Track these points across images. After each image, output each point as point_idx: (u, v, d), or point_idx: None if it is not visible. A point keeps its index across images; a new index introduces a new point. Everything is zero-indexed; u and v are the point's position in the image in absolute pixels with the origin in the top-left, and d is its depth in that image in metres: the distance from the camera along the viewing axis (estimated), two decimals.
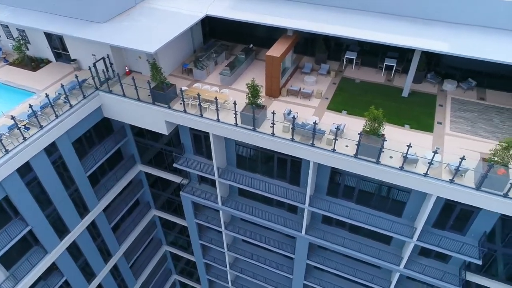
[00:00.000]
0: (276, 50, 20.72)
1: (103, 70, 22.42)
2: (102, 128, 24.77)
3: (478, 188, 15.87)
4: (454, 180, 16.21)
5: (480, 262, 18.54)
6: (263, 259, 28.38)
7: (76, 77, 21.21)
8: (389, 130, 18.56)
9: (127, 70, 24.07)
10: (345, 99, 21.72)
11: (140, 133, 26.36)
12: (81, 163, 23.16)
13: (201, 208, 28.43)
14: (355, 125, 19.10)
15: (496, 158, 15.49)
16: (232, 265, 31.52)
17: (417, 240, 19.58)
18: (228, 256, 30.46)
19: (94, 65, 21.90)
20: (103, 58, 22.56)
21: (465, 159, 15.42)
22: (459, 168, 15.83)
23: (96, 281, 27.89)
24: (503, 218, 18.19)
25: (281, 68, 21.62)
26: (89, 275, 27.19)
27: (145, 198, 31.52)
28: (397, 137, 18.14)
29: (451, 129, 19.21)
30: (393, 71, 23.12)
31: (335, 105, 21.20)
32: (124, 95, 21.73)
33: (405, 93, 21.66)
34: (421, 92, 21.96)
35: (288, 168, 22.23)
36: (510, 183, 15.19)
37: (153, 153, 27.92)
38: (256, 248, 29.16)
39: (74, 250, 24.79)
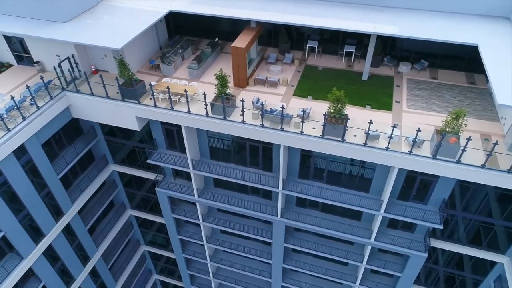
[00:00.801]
0: (241, 41, 21.45)
1: (68, 70, 22.27)
2: (72, 130, 24.59)
3: (434, 157, 17.33)
4: (412, 152, 17.60)
5: (441, 227, 20.16)
6: (242, 248, 29.10)
7: (42, 77, 20.98)
8: (352, 111, 19.72)
9: (93, 70, 24.00)
10: (310, 85, 22.80)
11: (111, 132, 26.34)
12: (52, 165, 22.94)
13: (178, 203, 28.75)
14: (320, 108, 20.13)
15: (447, 129, 16.98)
16: (212, 257, 32.03)
17: (384, 212, 20.96)
18: (208, 249, 30.95)
19: (59, 65, 21.73)
20: (68, 58, 22.40)
21: (420, 131, 16.81)
22: (416, 140, 17.23)
23: (75, 285, 27.61)
24: (461, 185, 19.90)
25: (247, 59, 22.37)
26: (68, 279, 26.89)
27: (120, 199, 31.40)
28: (360, 117, 19.36)
29: (407, 106, 20.71)
30: (353, 57, 24.45)
31: (301, 92, 22.22)
32: (92, 94, 21.74)
33: (364, 77, 23.02)
34: (379, 75, 23.40)
35: (260, 155, 23.05)
36: (461, 150, 16.70)
37: (125, 152, 27.94)
38: (235, 238, 29.86)
39: (50, 254, 24.49)
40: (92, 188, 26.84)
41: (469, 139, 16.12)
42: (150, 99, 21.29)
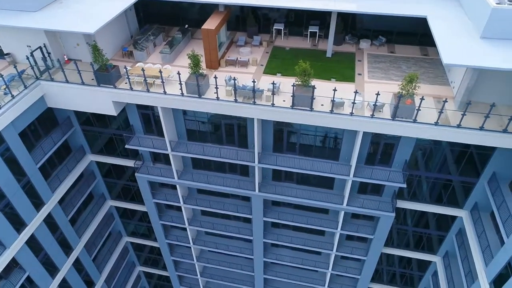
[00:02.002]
0: (211, 23, 22.51)
1: (42, 58, 22.56)
2: (47, 121, 24.86)
3: (393, 118, 19.08)
4: (374, 115, 19.29)
5: (404, 185, 22.06)
6: (223, 227, 30.18)
7: (15, 67, 21.14)
8: (319, 84, 21.03)
9: (66, 59, 24.32)
10: (278, 64, 24.17)
11: (87, 122, 26.69)
12: (31, 155, 23.16)
13: (158, 188, 29.45)
14: (289, 84, 21.42)
15: (403, 92, 18.76)
16: (195, 240, 32.90)
17: (354, 176, 22.64)
18: (190, 231, 31.80)
19: (32, 54, 22.00)
20: (40, 48, 22.69)
21: (379, 94, 18.51)
22: (377, 104, 18.92)
23: (60, 276, 27.82)
24: (419, 146, 21.85)
25: (217, 42, 23.43)
26: (52, 269, 27.07)
27: (99, 190, 31.65)
28: (326, 89, 20.83)
29: (369, 77, 22.46)
30: (317, 37, 26.00)
31: (270, 70, 23.55)
32: (67, 81, 22.16)
33: (328, 54, 24.62)
34: (342, 52, 25.06)
35: (236, 133, 24.21)
36: (416, 110, 18.51)
37: (103, 141, 28.30)
38: (216, 219, 30.90)
39: (33, 244, 24.66)
40: (71, 178, 27.11)
41: (422, 99, 17.95)
42: (126, 83, 22.00)
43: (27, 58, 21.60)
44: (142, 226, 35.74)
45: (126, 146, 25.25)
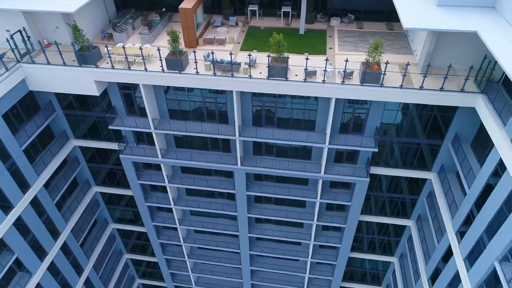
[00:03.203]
0: (188, 3, 23.44)
1: (22, 41, 22.94)
2: (29, 106, 25.24)
3: (362, 83, 20.56)
4: (344, 82, 20.72)
5: (376, 149, 23.65)
6: (208, 204, 31.17)
7: None
8: (293, 58, 22.43)
9: (46, 43, 24.75)
10: (254, 41, 25.33)
11: (69, 106, 27.14)
12: (15, 137, 23.55)
13: (143, 169, 30.17)
14: (265, 59, 22.63)
15: (370, 58, 20.26)
16: (181, 221, 33.74)
17: (329, 144, 24.06)
18: (176, 212, 32.62)
19: (12, 37, 22.38)
20: (20, 31, 23.09)
21: (348, 61, 19.96)
22: (346, 70, 20.35)
23: (48, 259, 28.19)
24: (388, 113, 23.46)
25: (195, 23, 24.38)
26: (41, 253, 27.44)
27: (83, 176, 32.05)
28: (299, 61, 22.11)
29: (339, 50, 23.92)
30: (290, 17, 27.32)
31: (247, 47, 24.68)
32: (48, 63, 22.67)
33: (301, 31, 25.96)
34: (314, 29, 26.45)
35: (216, 110, 25.24)
36: (382, 75, 20.04)
37: (86, 126, 28.79)
38: (201, 198, 31.84)
39: (21, 226, 25.03)
40: (55, 162, 27.51)
41: (387, 63, 19.50)
42: (107, 63, 22.70)
43: (7, 40, 21.97)
44: (128, 211, 36.28)
45: (110, 127, 25.88)
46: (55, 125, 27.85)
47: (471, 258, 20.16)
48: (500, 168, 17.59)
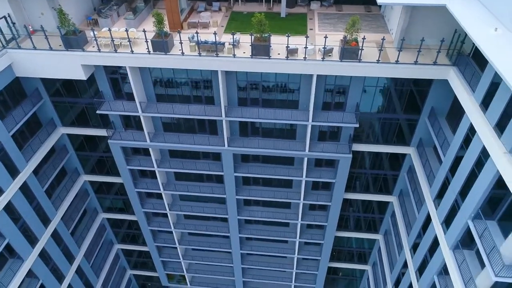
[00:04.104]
0: None
1: (7, 26, 23.20)
2: (16, 93, 25.45)
3: (341, 60, 21.54)
4: (325, 58, 21.67)
5: (357, 125, 24.67)
6: (197, 188, 31.81)
7: None
8: (275, 39, 23.26)
9: (31, 30, 25.01)
10: (237, 25, 26.12)
11: (56, 93, 27.42)
12: (2, 122, 23.79)
13: (132, 155, 30.61)
14: (248, 40, 23.43)
15: (348, 35, 21.24)
16: (171, 206, 34.27)
17: (312, 121, 24.99)
18: (166, 197, 33.14)
19: None
20: (4, 17, 23.33)
21: (327, 37, 20.90)
22: (326, 47, 21.30)
23: (40, 245, 28.42)
24: (367, 90, 24.51)
25: (179, 8, 24.99)
26: (32, 239, 27.66)
27: (72, 165, 32.28)
28: (281, 42, 22.97)
29: (319, 30, 24.89)
30: (271, 1, 28.19)
31: (230, 30, 25.29)
32: (35, 48, 22.99)
33: (283, 15, 26.87)
34: (295, 13, 27.40)
35: (202, 92, 25.91)
36: (360, 50, 21.05)
37: (74, 113, 29.08)
38: (190, 182, 32.43)
39: (11, 211, 25.26)
40: (44, 148, 27.75)
41: (363, 39, 20.51)
42: (93, 46, 23.13)
43: None
44: (118, 200, 36.62)
45: (98, 111, 26.28)
46: (42, 113, 28.08)
47: (448, 222, 21.36)
48: (471, 132, 18.79)
